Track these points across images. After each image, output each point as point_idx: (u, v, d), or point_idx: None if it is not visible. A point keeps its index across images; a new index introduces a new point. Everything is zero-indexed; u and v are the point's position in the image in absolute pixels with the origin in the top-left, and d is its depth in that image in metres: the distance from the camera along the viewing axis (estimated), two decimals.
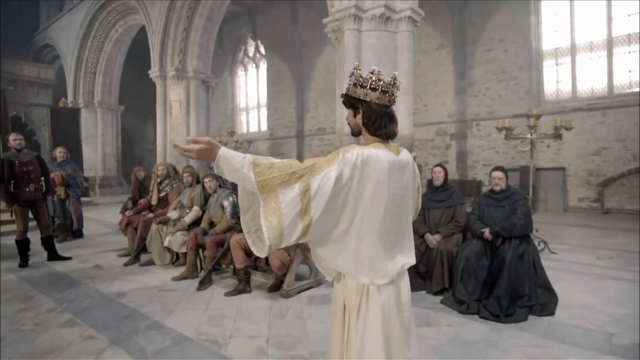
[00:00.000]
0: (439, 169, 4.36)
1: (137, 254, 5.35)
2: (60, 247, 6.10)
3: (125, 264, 5.22)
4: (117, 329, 3.24)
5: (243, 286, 4.11)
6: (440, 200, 4.33)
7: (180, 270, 4.76)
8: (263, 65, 17.79)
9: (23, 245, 5.24)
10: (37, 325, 3.36)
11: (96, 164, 15.65)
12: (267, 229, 1.32)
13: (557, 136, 5.60)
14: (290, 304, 3.78)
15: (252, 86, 18.54)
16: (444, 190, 4.36)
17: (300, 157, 16.81)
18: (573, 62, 10.46)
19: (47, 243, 5.43)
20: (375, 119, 1.56)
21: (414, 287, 4.09)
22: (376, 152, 1.50)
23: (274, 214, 1.32)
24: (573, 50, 10.45)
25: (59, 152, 6.90)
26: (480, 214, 4.02)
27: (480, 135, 11.55)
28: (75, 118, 12.45)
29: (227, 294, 4.03)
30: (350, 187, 1.44)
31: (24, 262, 5.23)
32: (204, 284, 4.28)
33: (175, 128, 11.72)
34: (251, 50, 18.26)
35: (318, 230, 1.43)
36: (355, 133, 1.65)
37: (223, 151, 1.33)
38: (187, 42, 11.51)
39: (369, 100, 1.55)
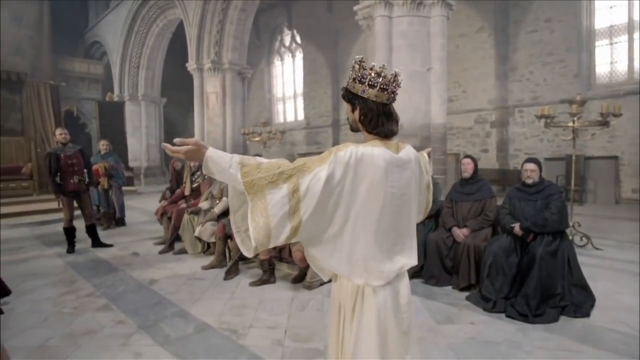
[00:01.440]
0: (467, 160, 4.19)
1: (171, 242, 5.59)
2: (104, 235, 6.50)
3: (160, 252, 5.47)
4: (145, 315, 3.41)
5: (267, 277, 4.19)
6: (469, 193, 4.17)
7: (210, 259, 4.91)
8: (299, 55, 17.80)
9: (70, 233, 5.63)
10: (75, 308, 3.61)
11: (140, 154, 16.42)
12: (253, 229, 1.32)
13: (604, 124, 5.18)
14: (311, 296, 3.81)
15: (288, 76, 18.63)
16: (473, 183, 4.19)
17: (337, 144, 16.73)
18: (630, 40, 9.62)
19: (91, 231, 5.79)
20: (371, 117, 1.51)
21: (440, 282, 4.04)
22: (372, 151, 1.45)
23: (261, 214, 1.32)
24: (630, 28, 9.60)
25: (103, 145, 7.29)
26: (510, 208, 3.83)
27: (523, 122, 10.96)
28: (120, 111, 13.11)
29: (252, 284, 4.12)
30: (343, 187, 1.40)
31: (70, 248, 5.61)
32: (231, 273, 4.40)
33: (212, 119, 12.03)
34: (287, 40, 18.31)
35: (309, 231, 1.41)
36: (354, 129, 1.60)
37: (210, 152, 1.33)
38: (222, 35, 11.71)
39: (366, 97, 1.50)
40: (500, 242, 3.65)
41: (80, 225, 5.81)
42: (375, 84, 1.49)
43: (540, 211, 3.61)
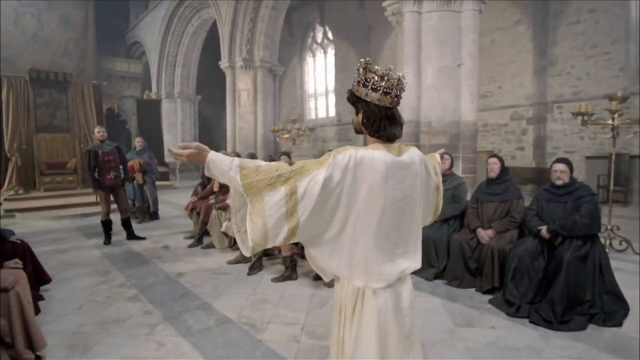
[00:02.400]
0: (494, 159, 4.06)
1: (200, 237, 5.78)
2: (139, 228, 6.81)
3: (189, 246, 5.67)
4: (171, 307, 3.57)
5: (289, 273, 4.25)
6: (495, 194, 4.05)
7: (236, 254, 5.04)
8: (331, 51, 17.79)
9: (107, 225, 5.94)
10: (108, 297, 3.82)
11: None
12: (251, 229, 1.36)
13: None
14: (331, 294, 3.80)
15: (320, 72, 18.68)
16: (499, 183, 4.06)
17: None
18: None
19: (126, 224, 6.09)
20: (374, 120, 1.51)
21: (463, 284, 3.96)
22: (372, 154, 1.46)
23: (259, 215, 1.36)
24: None
25: (138, 142, 7.62)
26: (538, 209, 3.69)
27: (562, 119, 10.46)
28: (156, 108, 13.61)
29: (274, 280, 4.20)
30: (342, 190, 1.42)
31: (107, 240, 5.92)
32: (254, 269, 4.51)
33: (243, 116, 12.27)
34: (319, 37, 18.33)
35: (308, 232, 1.44)
36: (358, 131, 1.61)
37: (211, 155, 1.39)
38: (253, 33, 11.90)
39: (369, 100, 1.50)
40: (526, 245, 3.53)
41: (116, 218, 6.12)
42: (378, 88, 1.49)
43: (569, 214, 3.45)
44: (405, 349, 1.54)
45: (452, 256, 4.07)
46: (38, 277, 3.91)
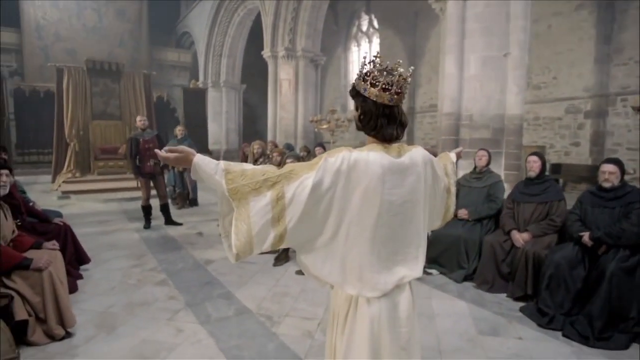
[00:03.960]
0: (534, 158, 3.77)
1: None
2: (177, 214, 7.08)
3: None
4: (194, 294, 3.67)
5: None
6: (534, 194, 3.77)
7: None
8: (376, 40, 17.39)
9: (146, 210, 6.22)
10: (139, 280, 4.00)
11: (220, 138, 17.48)
12: (235, 235, 1.31)
13: None
14: None
15: None
16: (539, 183, 3.77)
17: (410, 135, 16.29)
18: None
19: (164, 210, 6.35)
20: (370, 118, 1.41)
21: (494, 289, 3.75)
22: (367, 156, 1.37)
23: (244, 221, 1.31)
24: None
25: (179, 130, 7.87)
26: (582, 214, 3.39)
27: (626, 112, 9.55)
28: (202, 97, 14.02)
29: (298, 273, 4.20)
30: (334, 194, 1.34)
31: (147, 224, 6.21)
32: (280, 260, 4.53)
33: (284, 106, 12.34)
34: (365, 25, 17.96)
35: (298, 237, 1.38)
36: (358, 128, 1.51)
37: (197, 159, 1.35)
38: (296, 22, 11.86)
39: (367, 95, 1.41)
40: (565, 252, 3.25)
41: (156, 203, 6.39)
42: (377, 83, 1.39)
43: (617, 220, 3.14)
44: None
45: (483, 258, 3.86)
46: (78, 258, 4.17)
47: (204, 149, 14.06)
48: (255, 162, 6.35)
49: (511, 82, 6.05)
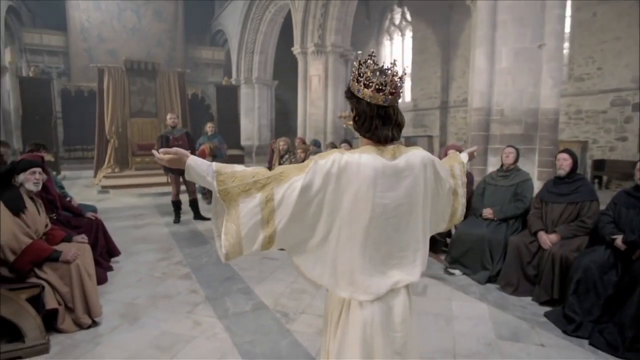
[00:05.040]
0: (564, 155, 3.58)
1: None
2: (207, 209, 7.25)
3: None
4: (215, 288, 3.76)
5: None
6: (563, 194, 3.58)
7: None
8: (409, 33, 17.04)
9: (176, 205, 6.44)
10: (164, 274, 4.16)
11: (253, 134, 17.77)
12: (224, 235, 1.33)
13: None
14: None
15: (397, 56, 18.03)
16: (569, 182, 3.58)
17: (443, 130, 15.89)
18: None
19: (193, 205, 6.54)
20: (364, 119, 1.39)
21: (518, 291, 3.61)
22: (358, 158, 1.34)
23: (234, 222, 1.33)
24: None
25: (209, 127, 8.07)
26: (615, 215, 3.18)
27: None
28: (234, 94, 14.29)
29: None
30: (324, 197, 1.33)
31: (177, 219, 6.43)
32: None
33: (314, 102, 12.35)
34: (397, 18, 17.63)
35: (288, 240, 1.38)
36: (355, 129, 1.49)
37: (190, 160, 1.37)
38: (325, 17, 11.81)
39: (361, 97, 1.38)
40: (595, 256, 3.07)
41: (186, 199, 6.59)
42: (370, 84, 1.36)
43: None
44: None
45: (508, 259, 3.71)
46: (109, 250, 4.37)
47: (236, 145, 14.34)
48: (280, 158, 6.41)
49: (546, 75, 5.75)
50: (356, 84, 1.40)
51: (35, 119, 11.82)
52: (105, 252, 4.30)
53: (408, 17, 16.86)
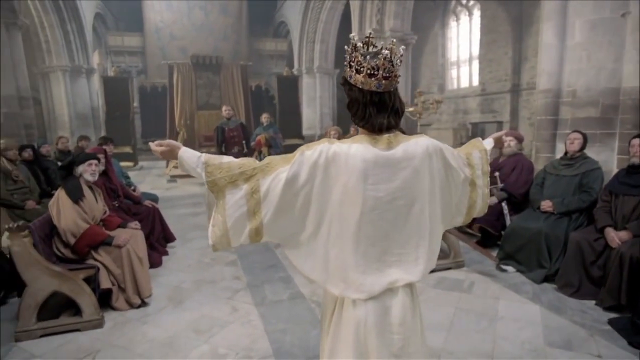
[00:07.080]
0: (638, 141, 3.11)
1: None
2: None
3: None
4: (257, 276, 3.87)
5: None
6: (637, 186, 3.12)
7: None
8: (476, 13, 15.92)
9: None
10: (212, 260, 4.36)
11: (315, 123, 17.91)
12: (212, 227, 1.34)
13: None
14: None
15: (464, 38, 16.98)
16: None
17: (514, 115, 14.70)
18: None
19: None
20: (357, 107, 1.30)
21: (580, 294, 3.27)
22: (347, 149, 1.26)
23: (221, 214, 1.32)
24: None
25: (265, 118, 8.26)
26: None
27: None
28: (295, 84, 14.48)
29: None
30: (312, 189, 1.28)
31: None
32: None
33: None
34: None
35: (277, 233, 1.35)
36: (351, 118, 1.40)
37: (181, 152, 1.38)
38: (384, 1, 11.41)
39: (353, 83, 1.29)
40: None
41: None
42: (362, 69, 1.26)
43: None
44: None
45: (568, 258, 3.34)
46: (165, 236, 4.68)
47: (297, 135, 14.56)
48: None
49: (630, 48, 5.01)
50: (348, 69, 1.32)
51: (117, 115, 13.01)
52: (161, 237, 4.62)
53: None
